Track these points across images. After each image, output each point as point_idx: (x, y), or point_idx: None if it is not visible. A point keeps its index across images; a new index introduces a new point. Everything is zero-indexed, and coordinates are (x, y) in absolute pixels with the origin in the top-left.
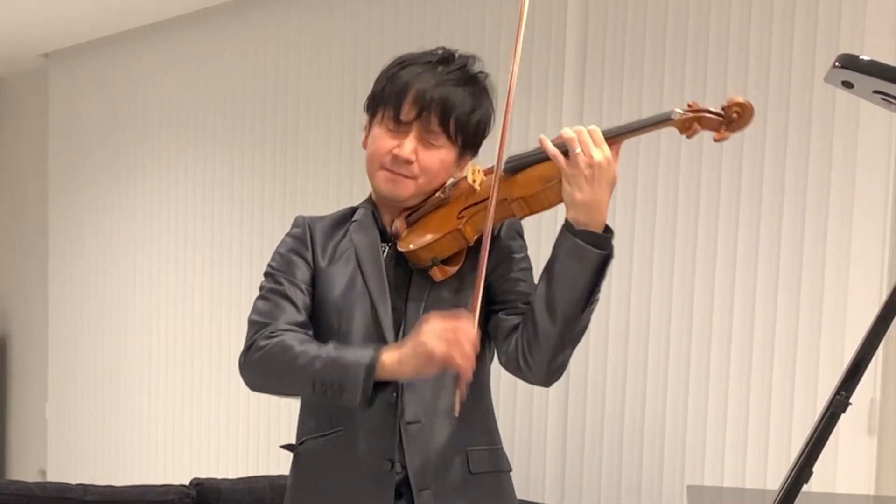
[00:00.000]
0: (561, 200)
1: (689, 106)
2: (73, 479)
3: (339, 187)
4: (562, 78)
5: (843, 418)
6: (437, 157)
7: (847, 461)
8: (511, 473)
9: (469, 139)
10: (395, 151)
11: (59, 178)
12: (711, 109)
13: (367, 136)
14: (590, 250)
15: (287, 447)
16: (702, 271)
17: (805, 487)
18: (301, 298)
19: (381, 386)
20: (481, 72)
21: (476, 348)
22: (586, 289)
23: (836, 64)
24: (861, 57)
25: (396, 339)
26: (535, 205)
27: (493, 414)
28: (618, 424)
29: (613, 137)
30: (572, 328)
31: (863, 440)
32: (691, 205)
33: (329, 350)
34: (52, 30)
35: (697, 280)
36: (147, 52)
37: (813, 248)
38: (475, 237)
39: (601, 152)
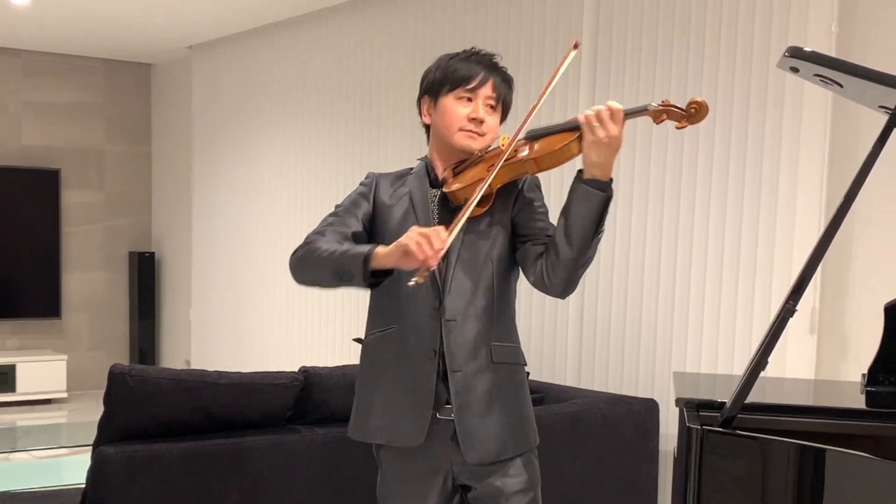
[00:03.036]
0: (562, 163)
1: (662, 102)
2: (211, 367)
3: (403, 149)
4: (578, 71)
5: (791, 321)
6: (494, 119)
7: (794, 354)
8: (537, 352)
9: (505, 111)
10: (472, 115)
11: (200, 141)
12: (677, 105)
13: (427, 111)
14: (597, 193)
15: (357, 340)
16: (685, 211)
17: (762, 373)
18: (353, 222)
19: (381, 274)
20: (504, 67)
21: (438, 248)
22: (594, 221)
23: (786, 54)
24: (805, 48)
25: (444, 262)
26: (543, 165)
27: (514, 320)
28: (620, 326)
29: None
30: (584, 253)
31: (806, 338)
32: (678, 162)
33: (344, 246)
34: (195, 26)
35: (681, 218)
36: (269, 46)
37: (768, 190)
38: (496, 186)
39: (616, 127)
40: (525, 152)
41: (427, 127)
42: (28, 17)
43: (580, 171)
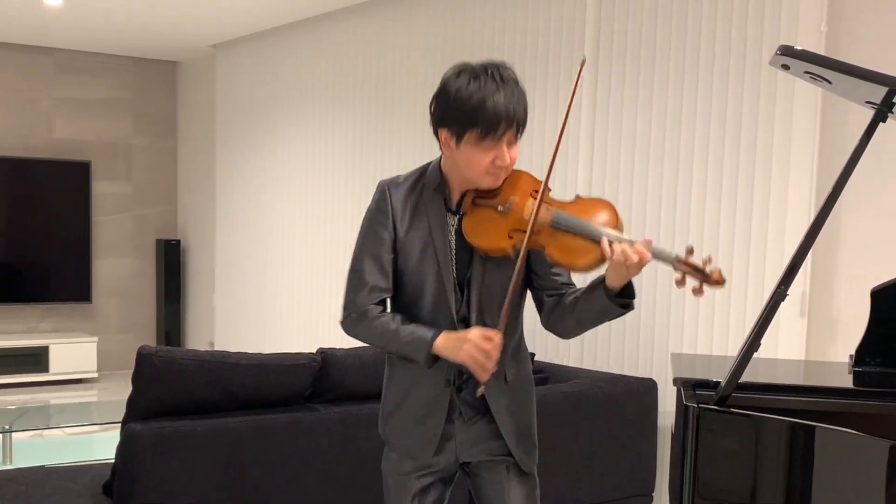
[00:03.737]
0: (567, 266)
1: (686, 252)
2: (233, 348)
3: (415, 145)
4: (583, 48)
5: (783, 305)
6: (516, 151)
7: (785, 336)
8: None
9: (522, 132)
10: (499, 163)
11: (223, 135)
12: (699, 267)
13: (447, 142)
14: (618, 310)
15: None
16: (682, 201)
17: (756, 354)
18: (382, 267)
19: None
20: (513, 73)
21: (496, 358)
22: (605, 321)
23: (778, 52)
24: (795, 47)
25: (462, 296)
26: (558, 263)
27: (523, 339)
28: None
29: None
30: (590, 328)
31: (796, 321)
32: (675, 155)
33: (399, 326)
34: (218, 26)
35: (679, 207)
36: (288, 45)
37: (761, 181)
38: (514, 254)
39: (638, 268)
40: (549, 242)
41: (442, 153)
42: (60, 18)
43: (605, 283)
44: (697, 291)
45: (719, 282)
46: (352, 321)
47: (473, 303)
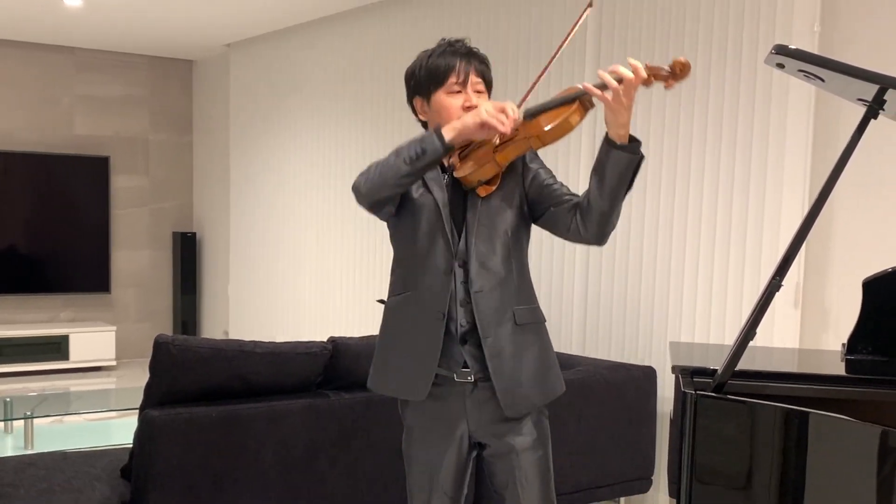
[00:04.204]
0: (565, 135)
1: (645, 65)
2: (247, 337)
3: None
4: (583, 69)
5: (777, 296)
6: (484, 100)
7: (780, 325)
8: (546, 324)
9: (489, 88)
10: (466, 104)
11: (237, 131)
12: (662, 67)
13: (422, 109)
14: (630, 157)
15: (380, 301)
16: (680, 195)
17: (751, 343)
18: None
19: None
20: (476, 48)
21: (516, 120)
22: (627, 178)
23: (773, 51)
24: (790, 46)
25: (459, 239)
26: (547, 140)
27: (531, 282)
28: (621, 300)
29: None
30: (615, 205)
31: (790, 311)
32: (675, 150)
33: (402, 145)
34: (232, 26)
35: (677, 202)
36: (301, 44)
37: (757, 175)
38: (505, 164)
39: (630, 92)
40: (527, 131)
41: (423, 123)
42: (80, 18)
43: (607, 138)
44: (668, 85)
45: (684, 66)
46: (363, 174)
47: (472, 247)
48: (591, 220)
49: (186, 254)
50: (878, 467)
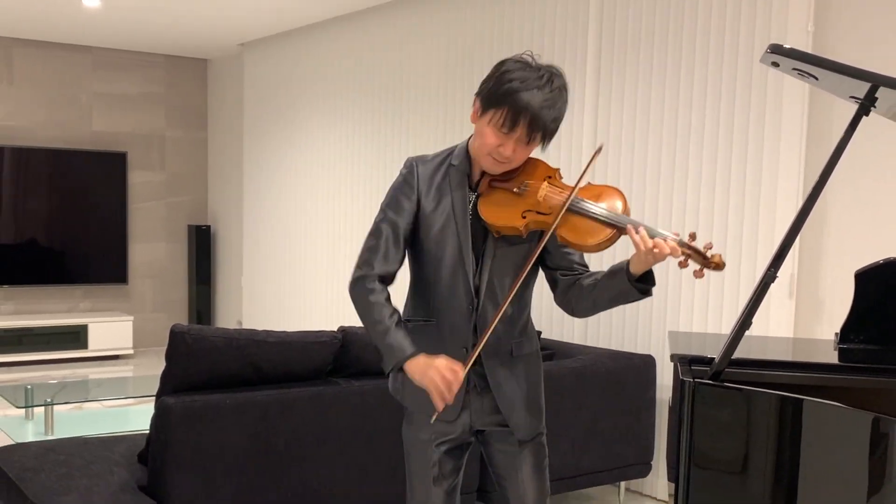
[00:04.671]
0: (583, 252)
1: (689, 237)
2: (260, 327)
3: (428, 137)
4: (584, 68)
5: (773, 287)
6: (528, 152)
7: (775, 315)
8: (549, 317)
9: (547, 139)
10: (501, 150)
11: (250, 127)
12: (700, 251)
13: (475, 115)
14: (638, 296)
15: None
16: (678, 190)
17: (747, 332)
18: (398, 238)
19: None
20: (565, 84)
21: (455, 391)
22: (622, 303)
23: (768, 50)
24: (784, 45)
25: (477, 268)
26: (569, 242)
27: (530, 317)
28: None
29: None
30: (607, 309)
31: (785, 302)
32: (674, 148)
33: (391, 326)
34: (245, 26)
35: (676, 196)
36: (312, 43)
37: (753, 170)
38: (526, 233)
39: (663, 257)
40: (560, 223)
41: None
42: (98, 18)
43: (628, 269)
44: (698, 274)
45: (719, 265)
46: (359, 283)
47: (484, 277)
48: (581, 306)
49: (201, 246)
50: (870, 452)
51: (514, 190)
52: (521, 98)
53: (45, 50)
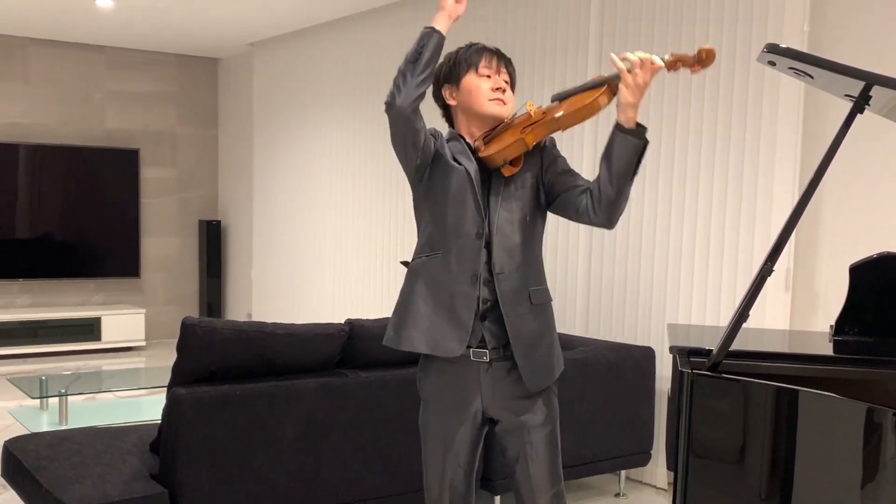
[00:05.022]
0: (591, 116)
1: (671, 54)
2: (269, 319)
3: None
4: (586, 61)
5: (769, 280)
6: (510, 95)
7: (772, 308)
8: (553, 304)
9: (513, 87)
10: (495, 86)
11: (260, 124)
12: (687, 54)
13: (451, 96)
14: (637, 141)
15: (403, 263)
16: (677, 186)
17: (744, 325)
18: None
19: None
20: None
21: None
22: (634, 163)
23: (765, 50)
24: (781, 45)
25: (486, 209)
26: (574, 120)
27: (542, 264)
28: (622, 285)
29: None
30: (623, 191)
31: (781, 295)
32: (673, 144)
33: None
34: (255, 27)
35: (674, 192)
36: (320, 43)
37: (750, 167)
38: (532, 144)
39: (650, 74)
40: (555, 112)
41: (447, 110)
42: (111, 18)
43: (618, 124)
44: (695, 69)
45: (710, 53)
46: (389, 94)
47: (495, 229)
48: (600, 204)
49: (212, 240)
50: (864, 442)
51: (505, 122)
52: (474, 52)
53: (60, 49)
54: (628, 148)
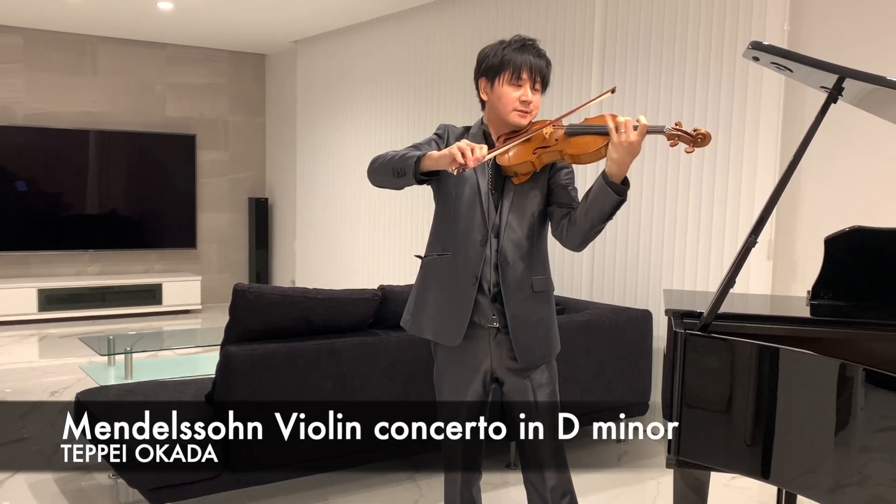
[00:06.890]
0: (594, 162)
1: (675, 124)
2: (311, 285)
3: (460, 121)
4: (591, 56)
5: (753, 251)
6: (538, 97)
7: (755, 275)
8: (560, 273)
9: (545, 86)
10: (523, 98)
11: (302, 114)
12: (687, 132)
13: (484, 90)
14: (614, 196)
15: (417, 256)
16: (672, 165)
17: (732, 290)
18: (425, 149)
19: (428, 175)
20: (536, 41)
21: (479, 159)
22: (606, 213)
23: (749, 46)
24: (763, 42)
25: (498, 210)
26: (577, 160)
27: (547, 257)
28: (623, 253)
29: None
30: (594, 229)
31: (764, 263)
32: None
33: (402, 152)
34: (299, 25)
35: (669, 170)
36: (358, 40)
37: (736, 150)
38: (540, 166)
39: (637, 136)
40: (564, 146)
41: (482, 100)
42: (171, 18)
43: (604, 172)
44: (689, 150)
45: (706, 137)
46: (375, 159)
47: (504, 218)
48: (573, 230)
49: (260, 216)
50: (838, 394)
51: (526, 135)
52: (516, 57)
53: (125, 46)
54: (605, 198)
